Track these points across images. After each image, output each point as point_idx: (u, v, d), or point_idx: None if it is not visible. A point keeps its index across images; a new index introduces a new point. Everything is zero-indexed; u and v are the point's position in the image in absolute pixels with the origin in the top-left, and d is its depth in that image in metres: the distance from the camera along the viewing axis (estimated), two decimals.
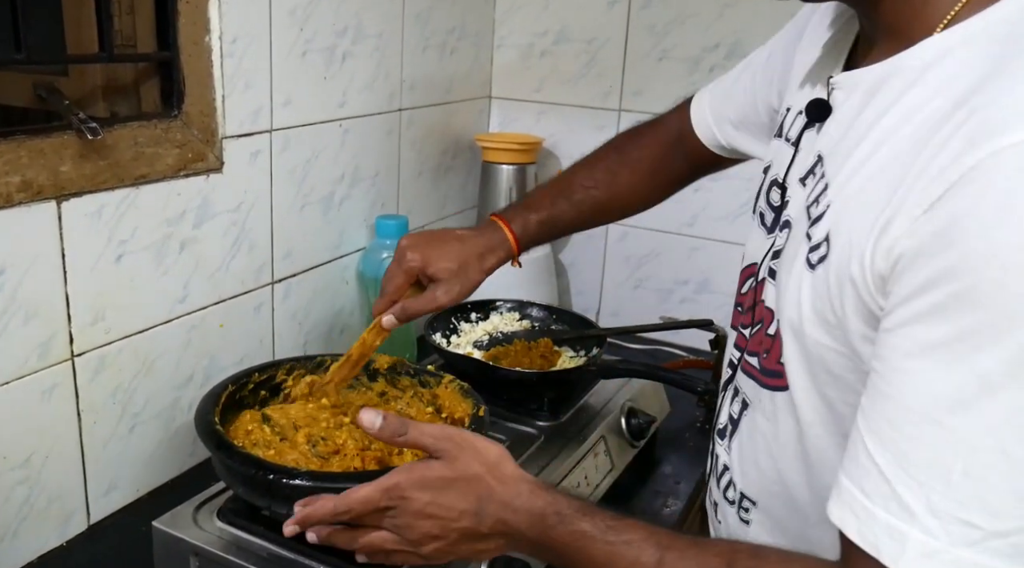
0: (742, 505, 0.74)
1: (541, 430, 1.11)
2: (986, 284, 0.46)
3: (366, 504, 0.68)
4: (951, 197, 0.48)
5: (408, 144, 1.45)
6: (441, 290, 0.95)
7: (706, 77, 1.52)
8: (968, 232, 0.47)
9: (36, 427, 0.90)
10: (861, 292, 0.55)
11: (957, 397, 0.47)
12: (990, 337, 0.46)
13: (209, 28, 1.01)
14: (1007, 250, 0.45)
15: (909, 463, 0.49)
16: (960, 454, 0.47)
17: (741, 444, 0.74)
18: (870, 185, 0.56)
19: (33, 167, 0.84)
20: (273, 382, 0.99)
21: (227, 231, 1.09)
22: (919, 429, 0.49)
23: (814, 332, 0.61)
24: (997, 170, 0.46)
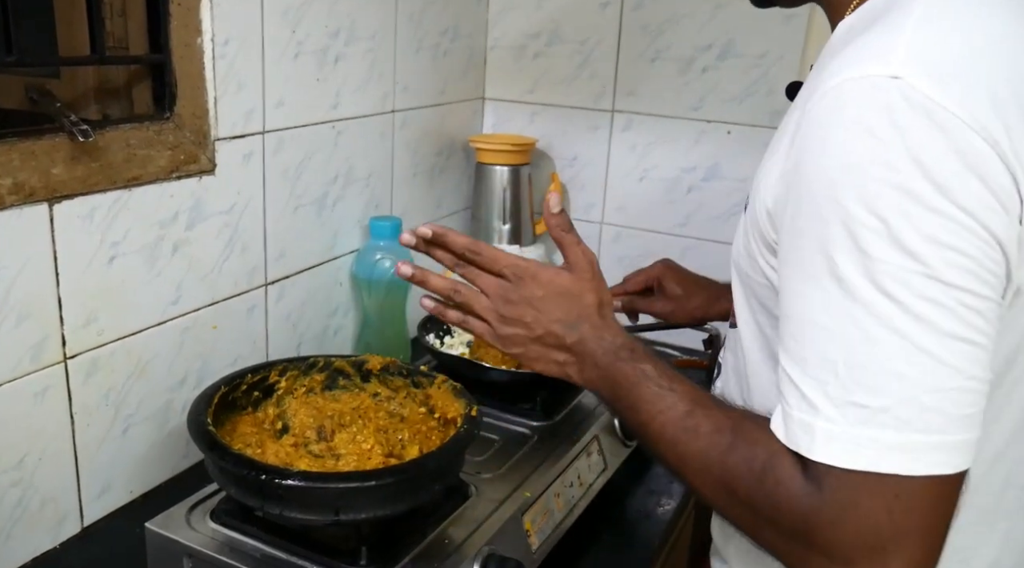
0: None
1: (534, 430, 1.11)
2: (825, 203, 0.55)
3: (495, 259, 0.76)
4: (799, 136, 0.58)
5: (402, 145, 1.45)
6: (660, 302, 1.19)
7: (699, 77, 1.52)
8: (805, 163, 0.57)
9: (29, 429, 0.90)
10: (761, 225, 0.65)
11: (824, 301, 0.55)
12: (837, 244, 0.54)
13: (201, 30, 1.01)
14: (832, 172, 0.54)
15: (807, 365, 0.56)
16: (839, 347, 0.55)
17: (722, 382, 0.84)
18: (775, 142, 0.67)
19: (25, 169, 0.84)
20: (266, 383, 0.99)
21: (220, 233, 1.09)
22: (806, 335, 0.57)
23: (744, 265, 0.71)
24: (820, 107, 0.56)
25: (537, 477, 1.00)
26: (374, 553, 0.82)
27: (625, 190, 1.64)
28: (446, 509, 0.91)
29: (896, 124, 0.52)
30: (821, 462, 0.55)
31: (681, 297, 1.16)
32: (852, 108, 0.54)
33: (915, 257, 0.52)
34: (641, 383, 0.69)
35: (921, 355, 0.52)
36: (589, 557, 1.01)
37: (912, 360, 0.53)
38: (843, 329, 0.54)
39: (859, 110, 0.54)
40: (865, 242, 0.53)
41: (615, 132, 1.62)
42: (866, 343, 0.54)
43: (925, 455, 0.53)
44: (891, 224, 0.52)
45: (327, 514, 0.79)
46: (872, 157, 0.53)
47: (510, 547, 0.88)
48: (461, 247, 0.77)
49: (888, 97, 0.53)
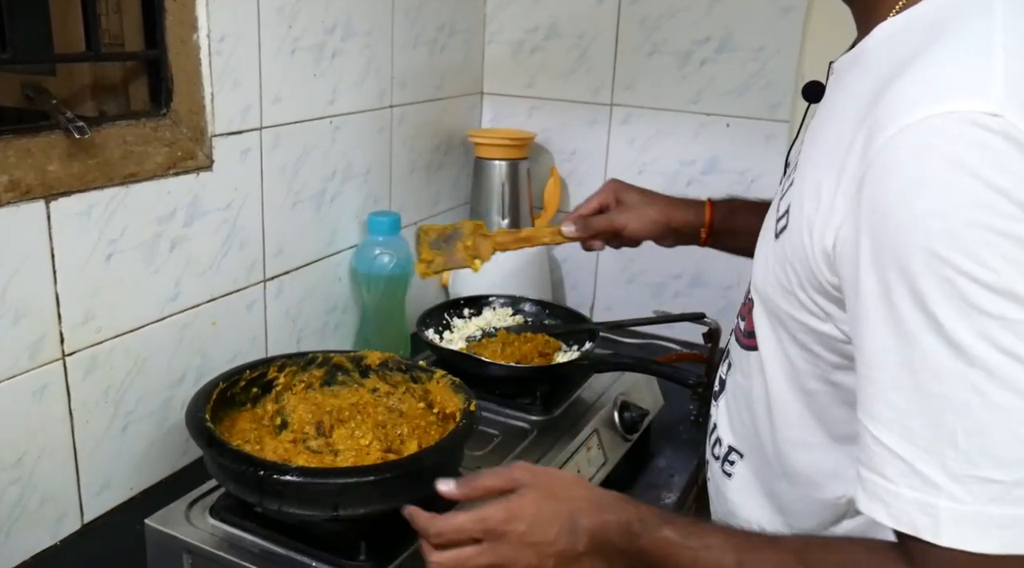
0: (728, 458, 0.79)
1: (533, 424, 1.11)
2: (920, 253, 0.49)
3: (459, 531, 0.70)
4: (870, 179, 0.52)
5: (400, 141, 1.45)
6: (619, 212, 1.05)
7: (697, 70, 1.52)
8: (891, 208, 0.51)
9: (28, 427, 0.90)
10: (812, 264, 0.60)
11: (930, 364, 0.50)
12: (938, 299, 0.49)
13: (197, 26, 1.00)
14: (927, 218, 0.49)
15: (915, 437, 0.51)
16: (957, 416, 0.49)
17: (727, 401, 0.81)
18: (820, 161, 0.61)
19: (21, 167, 0.84)
20: (265, 379, 0.99)
21: (218, 229, 1.09)
22: (912, 403, 0.51)
23: (775, 295, 0.67)
24: (904, 145, 0.50)
25: None
26: (373, 548, 0.82)
27: None
28: (446, 504, 0.91)
29: (1000, 166, 0.47)
30: (952, 548, 0.49)
31: (638, 203, 1.06)
32: (946, 147, 0.49)
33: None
34: (671, 554, 0.64)
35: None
36: None
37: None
38: (959, 395, 0.49)
39: (955, 150, 0.48)
40: (974, 296, 0.48)
41: (614, 126, 1.62)
42: (989, 409, 0.48)
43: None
44: (1002, 275, 0.47)
45: (326, 509, 0.79)
46: (975, 201, 0.48)
47: None
48: (422, 536, 0.72)
49: (988, 137, 0.48)
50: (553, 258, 1.73)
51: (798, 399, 0.68)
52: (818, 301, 0.61)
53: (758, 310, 0.71)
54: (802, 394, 0.67)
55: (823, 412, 0.67)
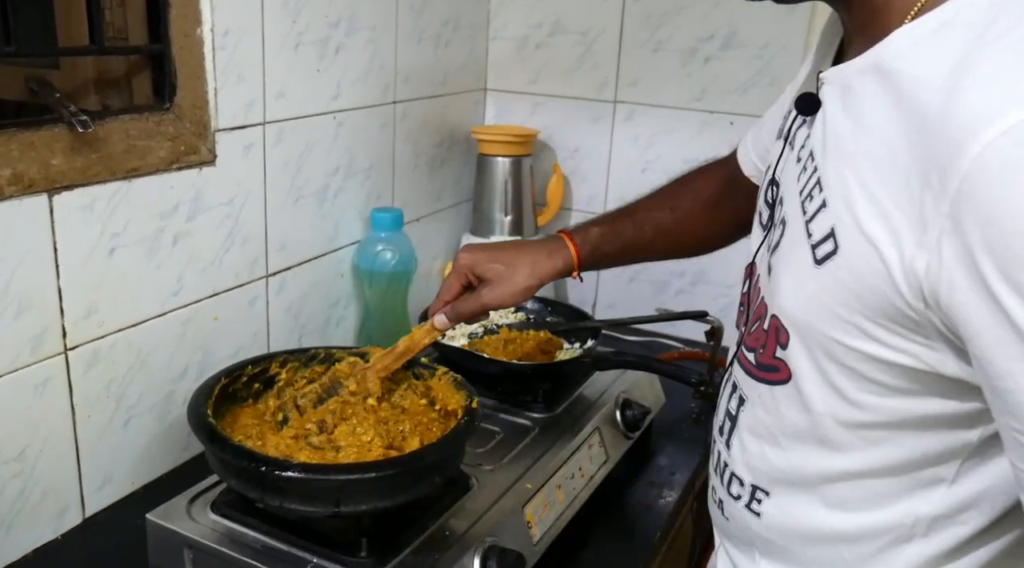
0: (755, 497, 0.74)
1: (535, 422, 1.11)
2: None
3: None
4: (970, 192, 0.49)
5: (403, 136, 1.44)
6: (486, 289, 0.95)
7: (701, 67, 1.52)
8: (1000, 221, 0.48)
9: (30, 421, 0.90)
10: (886, 289, 0.56)
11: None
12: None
13: (201, 20, 1.00)
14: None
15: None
16: None
17: (742, 439, 0.75)
18: (868, 178, 0.57)
19: (24, 160, 0.84)
20: (267, 375, 0.98)
21: (220, 224, 1.09)
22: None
23: (823, 326, 0.62)
24: (1003, 155, 0.48)
25: (538, 469, 1.00)
26: (375, 545, 0.82)
27: (628, 181, 1.63)
28: (447, 501, 0.91)
29: None
30: None
31: (501, 274, 0.95)
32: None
33: None
34: None
35: None
36: (590, 549, 1.01)
37: None
38: None
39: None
40: None
41: (617, 123, 1.61)
42: None
43: None
44: None
45: (327, 506, 0.79)
46: None
47: (511, 539, 0.88)
48: None
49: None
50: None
51: (852, 432, 0.65)
52: (893, 330, 0.58)
53: (794, 342, 0.66)
54: (856, 426, 0.64)
55: (886, 440, 0.64)
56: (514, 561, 0.84)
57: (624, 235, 1.02)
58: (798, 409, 0.67)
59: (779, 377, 0.67)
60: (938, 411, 0.60)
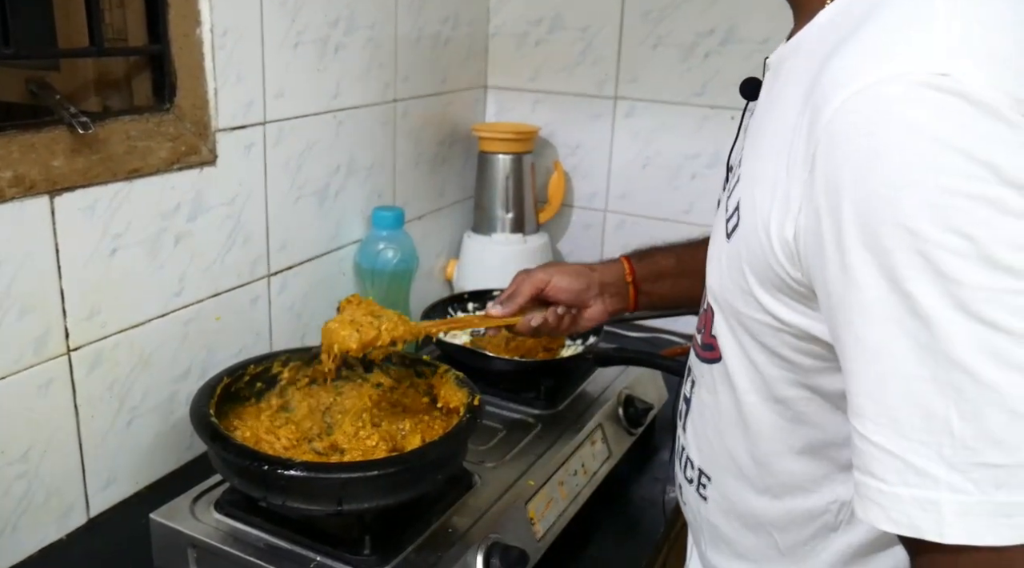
0: (700, 481, 0.75)
1: (538, 419, 1.11)
2: (886, 228, 0.46)
3: None
4: (820, 157, 0.49)
5: (403, 135, 1.44)
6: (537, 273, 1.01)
7: (701, 63, 1.51)
8: (847, 185, 0.48)
9: (34, 421, 0.91)
10: (769, 259, 0.56)
11: (915, 346, 0.46)
12: (912, 276, 0.45)
13: (200, 20, 1.00)
14: (889, 190, 0.46)
15: (905, 429, 0.47)
16: (947, 399, 0.45)
17: (693, 421, 0.75)
18: (766, 152, 0.58)
19: (25, 162, 0.84)
20: (269, 374, 0.99)
21: (222, 224, 1.09)
22: (897, 392, 0.47)
23: (733, 299, 0.63)
24: (847, 120, 0.48)
25: (541, 465, 1.00)
26: (378, 542, 0.82)
27: (628, 177, 1.63)
28: (450, 498, 0.91)
29: (958, 125, 0.45)
30: (960, 544, 0.45)
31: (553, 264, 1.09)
32: (897, 112, 0.46)
33: (1012, 273, 0.44)
34: None
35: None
36: (593, 545, 1.01)
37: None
38: (946, 376, 0.45)
39: (907, 114, 0.46)
40: (948, 267, 0.44)
41: (618, 119, 1.61)
42: (980, 388, 0.44)
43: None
44: (977, 241, 0.44)
45: (330, 504, 0.79)
46: (938, 166, 0.45)
47: (514, 536, 0.88)
48: None
49: (940, 97, 0.45)
50: (557, 251, 1.73)
51: (771, 409, 0.64)
52: (781, 300, 0.57)
53: (718, 318, 0.67)
54: (774, 403, 0.63)
55: (802, 418, 0.63)
56: (517, 558, 0.84)
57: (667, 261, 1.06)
58: (727, 389, 0.67)
59: (714, 355, 0.68)
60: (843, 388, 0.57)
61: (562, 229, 1.72)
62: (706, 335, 0.69)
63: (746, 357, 0.64)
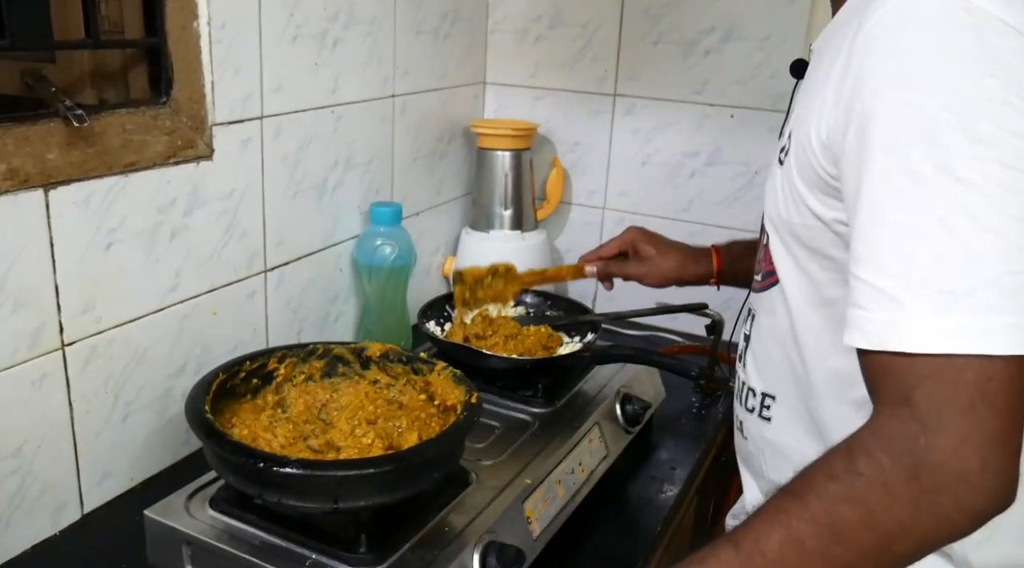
0: (764, 404, 0.82)
1: (535, 417, 1.11)
2: (896, 104, 0.57)
3: None
4: (855, 59, 0.60)
5: (402, 130, 1.44)
6: (636, 263, 1.20)
7: (702, 60, 1.51)
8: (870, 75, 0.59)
9: (27, 417, 0.90)
10: (813, 164, 0.66)
11: (897, 197, 0.57)
12: (911, 142, 0.56)
13: (197, 13, 0.99)
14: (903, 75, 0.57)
15: (884, 263, 0.57)
16: (919, 239, 0.56)
17: (753, 351, 0.84)
18: (814, 89, 0.68)
19: (19, 155, 0.84)
20: (265, 370, 0.98)
21: (218, 219, 1.09)
22: (882, 235, 0.57)
23: (788, 215, 0.72)
24: (881, 21, 0.59)
25: (538, 464, 0.99)
26: (374, 540, 0.82)
27: (627, 175, 1.62)
28: (446, 496, 0.91)
29: (967, 25, 0.55)
30: (914, 352, 0.55)
31: (655, 257, 1.18)
32: (918, 16, 0.57)
33: (988, 145, 0.54)
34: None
35: (998, 237, 0.54)
36: (591, 544, 1.00)
37: (992, 243, 0.54)
38: (920, 221, 0.56)
39: (926, 16, 0.57)
40: (941, 136, 0.55)
41: (617, 117, 1.60)
42: (944, 229, 0.55)
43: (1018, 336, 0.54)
44: (967, 117, 0.55)
45: (326, 502, 0.78)
46: (947, 54, 0.56)
47: (511, 534, 0.88)
48: None
49: (954, 5, 0.56)
50: (555, 249, 1.72)
51: (820, 313, 0.72)
52: (824, 201, 0.67)
53: (774, 242, 0.76)
54: (823, 306, 0.71)
55: None
56: (514, 557, 0.83)
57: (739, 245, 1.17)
58: (783, 307, 0.76)
59: (772, 280, 0.77)
60: None
61: (561, 226, 1.72)
62: (765, 264, 0.79)
63: (800, 269, 0.73)
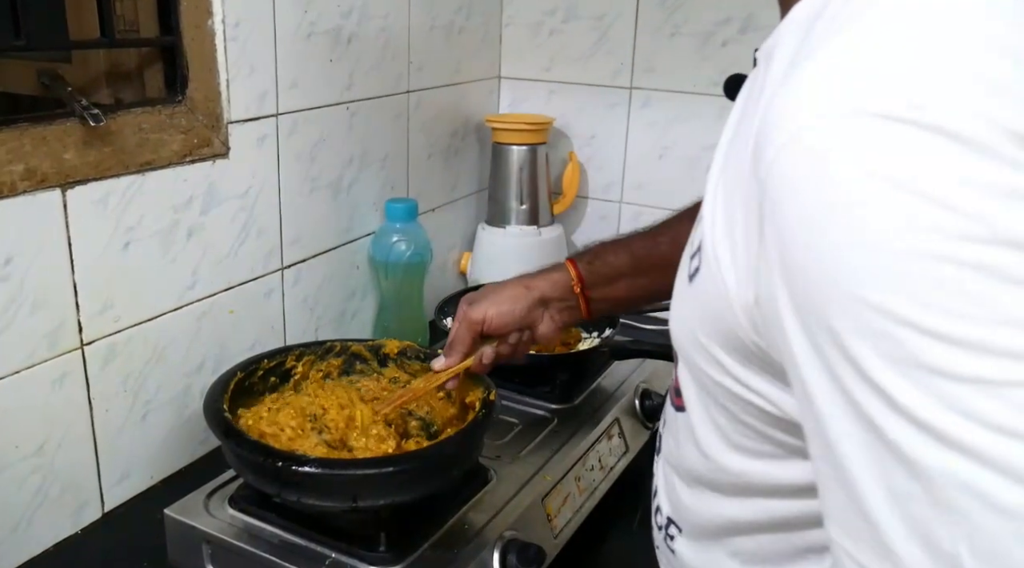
0: (668, 532, 0.66)
1: (554, 413, 1.10)
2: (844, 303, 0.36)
3: None
4: (768, 208, 0.40)
5: (417, 126, 1.43)
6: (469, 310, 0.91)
7: (718, 52, 1.49)
8: (799, 248, 0.38)
9: (48, 416, 0.90)
10: (728, 318, 0.46)
11: (904, 456, 0.35)
12: (882, 366, 0.35)
13: (211, 11, 0.99)
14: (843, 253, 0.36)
15: (904, 562, 0.36)
16: (953, 527, 0.34)
17: (663, 467, 0.66)
18: (727, 183, 0.47)
19: (36, 155, 0.84)
20: (283, 368, 0.98)
21: (235, 217, 1.09)
22: (893, 515, 0.36)
23: (692, 352, 0.52)
24: (792, 165, 0.38)
25: (558, 460, 0.99)
26: (393, 539, 0.81)
27: (644, 169, 1.61)
28: (466, 494, 0.90)
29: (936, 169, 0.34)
30: None
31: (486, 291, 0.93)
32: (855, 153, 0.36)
33: (1014, 357, 0.33)
34: None
35: None
36: (611, 541, 1.00)
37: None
38: (950, 497, 0.34)
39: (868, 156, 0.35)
40: (928, 354, 0.34)
41: (633, 110, 1.59)
42: (994, 513, 0.33)
43: None
44: (962, 320, 0.33)
45: (345, 501, 0.78)
46: (907, 221, 0.34)
47: (531, 532, 0.87)
48: None
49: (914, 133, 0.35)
50: (572, 243, 1.71)
51: (733, 461, 0.55)
52: (743, 364, 0.48)
53: (682, 367, 0.57)
54: (736, 452, 0.54)
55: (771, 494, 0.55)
56: (534, 555, 0.83)
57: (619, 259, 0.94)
58: (691, 444, 0.57)
59: (681, 403, 0.58)
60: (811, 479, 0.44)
61: (577, 221, 1.71)
62: (675, 379, 0.60)
63: (708, 416, 0.55)
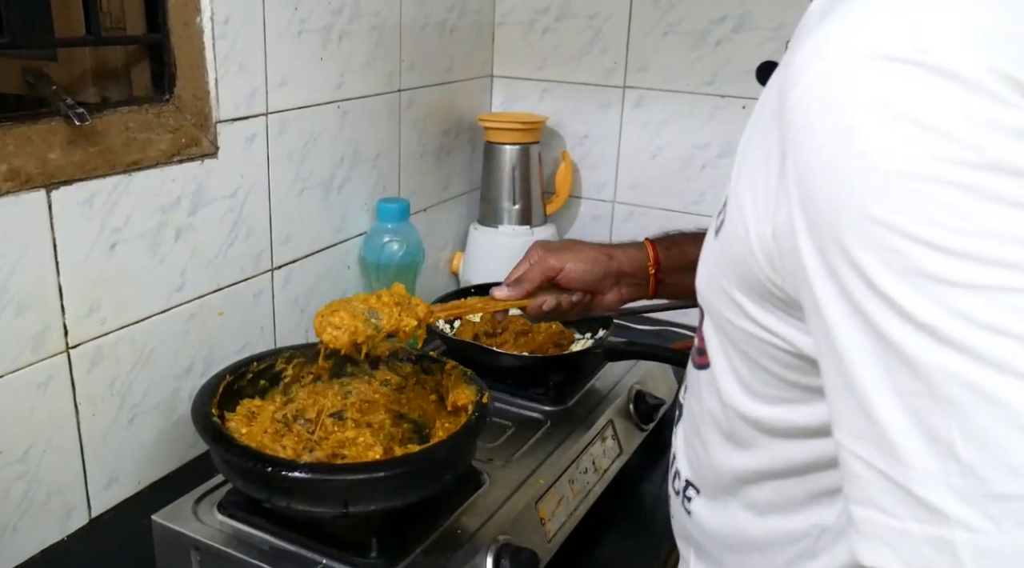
0: (686, 494, 0.69)
1: (547, 415, 1.09)
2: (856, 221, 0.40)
3: None
4: (790, 146, 0.45)
5: (409, 125, 1.42)
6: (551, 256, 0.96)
7: (712, 51, 1.48)
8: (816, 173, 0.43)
9: (33, 421, 0.89)
10: (749, 260, 0.51)
11: (907, 357, 0.39)
12: (891, 276, 0.39)
13: (200, 8, 0.98)
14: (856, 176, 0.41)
15: (907, 454, 0.39)
16: (949, 418, 0.38)
17: (684, 429, 0.70)
18: (750, 144, 0.53)
19: (20, 155, 0.82)
20: (272, 371, 0.97)
21: (224, 217, 1.07)
22: (895, 410, 0.40)
23: (716, 302, 0.57)
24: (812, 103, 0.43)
25: (551, 463, 0.98)
26: (385, 545, 0.80)
27: (638, 168, 1.60)
28: (458, 498, 0.89)
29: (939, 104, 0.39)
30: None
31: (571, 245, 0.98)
32: (869, 90, 0.41)
33: (1004, 266, 0.37)
34: None
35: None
36: (605, 544, 0.99)
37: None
38: (946, 391, 0.38)
39: (881, 92, 0.40)
40: (930, 264, 0.38)
41: (627, 109, 1.58)
42: (987, 404, 0.37)
43: None
44: (960, 234, 0.38)
45: (336, 506, 0.77)
46: (912, 148, 0.39)
47: (524, 536, 0.86)
48: None
49: (920, 73, 0.39)
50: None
51: (755, 412, 0.59)
52: (761, 305, 0.52)
53: (706, 322, 0.61)
54: (757, 401, 0.58)
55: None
56: (528, 559, 0.82)
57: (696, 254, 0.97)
58: (714, 397, 0.62)
59: (704, 361, 0.62)
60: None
61: (570, 220, 1.70)
62: (700, 338, 0.63)
63: (731, 366, 0.59)
